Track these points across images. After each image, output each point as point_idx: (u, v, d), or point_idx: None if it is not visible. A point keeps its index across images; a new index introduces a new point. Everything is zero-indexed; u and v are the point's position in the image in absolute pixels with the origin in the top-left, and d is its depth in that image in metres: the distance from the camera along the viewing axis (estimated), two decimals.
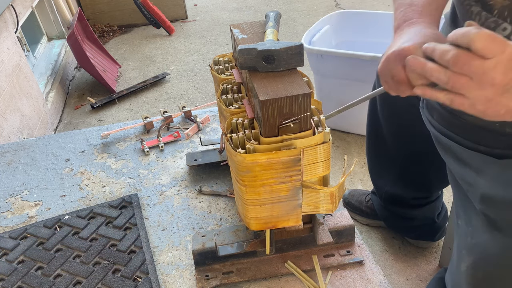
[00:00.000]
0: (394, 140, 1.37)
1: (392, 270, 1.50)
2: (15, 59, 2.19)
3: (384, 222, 1.61)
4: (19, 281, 0.93)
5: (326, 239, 0.90)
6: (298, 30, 3.47)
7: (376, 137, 1.44)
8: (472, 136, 0.85)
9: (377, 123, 1.39)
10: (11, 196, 1.18)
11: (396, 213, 1.52)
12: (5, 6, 2.16)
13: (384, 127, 1.37)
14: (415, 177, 1.40)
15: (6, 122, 1.92)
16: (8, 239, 1.03)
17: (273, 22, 0.89)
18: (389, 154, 1.41)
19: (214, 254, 0.89)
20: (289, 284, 0.87)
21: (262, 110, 0.69)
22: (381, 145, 1.44)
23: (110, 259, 0.96)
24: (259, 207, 0.79)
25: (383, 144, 1.41)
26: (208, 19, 3.86)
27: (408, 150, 1.35)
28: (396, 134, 1.36)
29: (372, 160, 1.52)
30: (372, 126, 1.44)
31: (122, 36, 3.69)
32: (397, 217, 1.53)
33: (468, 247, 0.90)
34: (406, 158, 1.37)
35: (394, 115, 1.32)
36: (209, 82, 2.84)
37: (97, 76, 2.76)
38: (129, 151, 1.31)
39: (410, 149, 1.34)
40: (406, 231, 1.59)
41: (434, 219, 1.48)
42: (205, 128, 1.36)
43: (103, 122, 2.55)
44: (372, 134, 1.47)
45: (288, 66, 0.76)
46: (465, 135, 0.87)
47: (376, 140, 1.45)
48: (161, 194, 1.13)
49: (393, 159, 1.41)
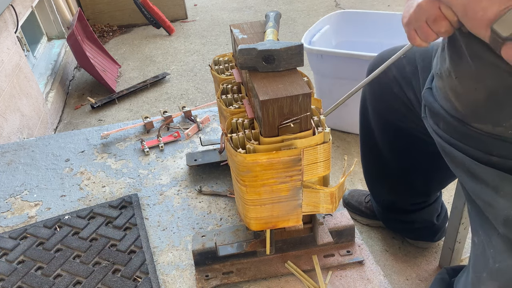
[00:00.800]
0: (388, 149, 1.36)
1: (392, 270, 1.50)
2: (15, 59, 2.19)
3: (384, 224, 1.61)
4: (19, 281, 0.93)
5: (326, 239, 0.90)
6: (298, 30, 3.47)
7: (369, 146, 1.44)
8: (482, 145, 0.82)
9: (369, 133, 1.38)
10: (11, 196, 1.18)
11: (395, 218, 1.52)
12: (5, 6, 2.16)
13: (377, 137, 1.36)
14: (411, 185, 1.39)
15: (6, 122, 1.92)
16: (8, 239, 1.03)
17: (273, 22, 0.89)
18: (384, 165, 1.40)
19: (214, 254, 0.89)
20: (289, 284, 0.86)
21: (262, 110, 0.69)
22: (375, 156, 1.42)
23: (110, 259, 0.96)
24: (260, 207, 0.79)
25: (377, 155, 1.40)
26: (208, 19, 3.86)
27: (403, 158, 1.34)
28: (390, 142, 1.35)
29: (368, 170, 1.51)
30: (365, 136, 1.44)
31: (122, 36, 3.69)
32: (396, 220, 1.53)
33: (491, 271, 0.85)
34: (401, 167, 1.36)
35: (386, 123, 1.31)
36: (209, 82, 2.84)
37: (97, 76, 2.76)
38: (129, 151, 1.30)
39: (405, 156, 1.33)
40: (406, 233, 1.59)
41: (434, 221, 1.48)
42: (205, 128, 1.36)
43: (103, 122, 2.55)
44: (365, 143, 1.46)
45: (288, 66, 0.76)
46: (475, 144, 0.83)
47: (369, 150, 1.45)
48: (161, 194, 1.13)
49: (388, 168, 1.39)
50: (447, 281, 1.18)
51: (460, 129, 0.85)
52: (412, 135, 1.24)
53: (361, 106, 1.39)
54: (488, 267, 0.86)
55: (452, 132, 0.88)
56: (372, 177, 1.51)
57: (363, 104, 1.37)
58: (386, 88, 1.23)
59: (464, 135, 0.85)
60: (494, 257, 0.84)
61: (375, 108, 1.32)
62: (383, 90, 1.24)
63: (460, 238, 1.34)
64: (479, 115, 0.81)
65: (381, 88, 1.25)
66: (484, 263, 0.87)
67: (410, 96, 1.16)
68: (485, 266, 0.87)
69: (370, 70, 1.29)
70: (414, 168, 1.34)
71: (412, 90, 1.15)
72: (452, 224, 1.33)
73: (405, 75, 1.16)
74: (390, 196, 1.47)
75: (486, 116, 0.80)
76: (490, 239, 0.85)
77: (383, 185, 1.47)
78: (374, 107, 1.32)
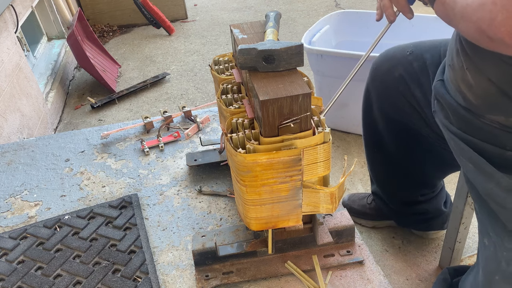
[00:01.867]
0: (394, 146, 1.36)
1: (392, 270, 1.50)
2: (15, 59, 2.19)
3: (395, 220, 1.59)
4: (19, 281, 0.93)
5: (326, 239, 0.90)
6: (298, 30, 3.47)
7: (375, 146, 1.43)
8: (496, 139, 0.80)
9: (374, 133, 1.38)
10: (11, 196, 1.18)
11: (408, 211, 1.51)
12: (5, 6, 2.16)
13: (383, 136, 1.36)
14: (420, 178, 1.39)
15: (6, 122, 1.92)
16: (8, 239, 1.03)
17: (273, 22, 0.89)
18: (393, 163, 1.40)
19: (214, 254, 0.89)
20: (289, 284, 0.86)
21: (262, 110, 0.69)
22: (382, 155, 1.42)
23: (110, 259, 0.96)
24: (260, 207, 0.79)
25: (384, 155, 1.40)
26: (208, 19, 3.86)
27: (410, 155, 1.34)
28: (396, 140, 1.35)
29: (376, 170, 1.51)
30: (370, 136, 1.43)
31: (122, 36, 3.69)
32: (410, 214, 1.52)
33: (505, 274, 0.84)
34: (409, 163, 1.36)
35: (392, 122, 1.30)
36: (209, 82, 2.84)
37: (97, 76, 2.76)
38: (129, 151, 1.30)
39: (411, 153, 1.33)
40: (418, 224, 1.57)
41: (442, 209, 1.49)
42: (205, 128, 1.36)
43: (103, 122, 2.55)
44: (370, 143, 1.45)
45: (288, 66, 0.76)
46: (488, 138, 0.82)
47: (376, 150, 1.44)
48: (161, 194, 1.13)
49: (397, 165, 1.39)
50: (448, 282, 1.18)
51: (473, 123, 0.84)
52: (418, 134, 1.24)
53: (364, 105, 1.39)
54: (501, 269, 0.84)
55: (464, 126, 0.86)
56: (382, 177, 1.50)
57: (367, 104, 1.37)
58: (391, 87, 1.22)
59: (477, 129, 0.83)
60: (508, 260, 0.83)
61: (380, 107, 1.31)
62: (389, 89, 1.24)
63: (460, 238, 1.34)
64: (492, 106, 0.80)
65: (386, 87, 1.25)
66: (496, 266, 0.86)
67: (417, 94, 1.16)
68: (498, 269, 0.85)
69: (374, 69, 1.29)
70: (422, 163, 1.34)
71: (419, 88, 1.14)
72: (452, 224, 1.33)
73: (412, 71, 1.15)
74: (402, 192, 1.47)
75: (498, 107, 0.79)
76: (502, 241, 0.84)
77: (394, 183, 1.46)
78: (378, 106, 1.31)
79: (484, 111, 0.82)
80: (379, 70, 1.27)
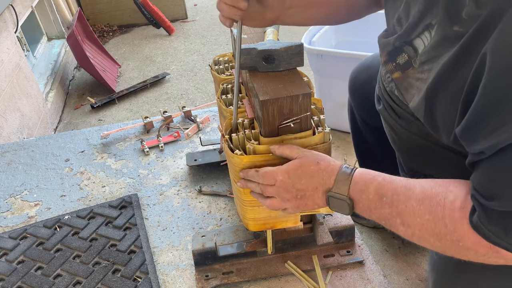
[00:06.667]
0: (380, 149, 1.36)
1: (392, 270, 1.50)
2: (15, 59, 2.19)
3: None
4: (19, 281, 0.93)
5: (326, 239, 0.90)
6: (298, 30, 3.47)
7: (365, 153, 1.44)
8: None
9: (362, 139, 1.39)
10: (11, 196, 1.18)
11: None
12: (5, 6, 2.16)
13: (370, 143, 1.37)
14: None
15: (6, 122, 1.92)
16: (8, 239, 1.03)
17: None
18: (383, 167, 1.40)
19: (214, 254, 0.89)
20: (289, 284, 0.86)
21: (262, 110, 0.69)
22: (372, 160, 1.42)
23: (110, 259, 0.96)
24: (257, 208, 0.79)
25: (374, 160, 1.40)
26: (208, 19, 3.86)
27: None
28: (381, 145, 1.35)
29: None
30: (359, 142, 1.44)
31: (122, 36, 3.69)
32: None
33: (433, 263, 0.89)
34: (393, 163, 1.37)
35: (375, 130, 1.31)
36: (209, 82, 2.84)
37: (97, 76, 2.76)
38: (129, 151, 1.30)
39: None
40: None
41: None
42: (205, 128, 1.36)
43: (103, 122, 2.55)
44: (360, 150, 1.46)
45: (288, 66, 0.76)
46: None
47: (366, 155, 1.45)
48: (161, 194, 1.13)
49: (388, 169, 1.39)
50: None
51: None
52: None
53: (349, 117, 1.41)
54: (433, 259, 0.89)
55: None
56: None
57: (351, 115, 1.39)
58: (371, 97, 1.23)
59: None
60: None
61: (362, 119, 1.33)
62: (369, 100, 1.25)
63: None
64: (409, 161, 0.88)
65: (366, 98, 1.25)
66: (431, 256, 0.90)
67: None
68: (431, 259, 0.89)
69: (353, 79, 1.30)
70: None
71: None
72: None
73: None
74: None
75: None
76: None
77: None
78: (360, 117, 1.33)
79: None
80: (357, 81, 1.28)
